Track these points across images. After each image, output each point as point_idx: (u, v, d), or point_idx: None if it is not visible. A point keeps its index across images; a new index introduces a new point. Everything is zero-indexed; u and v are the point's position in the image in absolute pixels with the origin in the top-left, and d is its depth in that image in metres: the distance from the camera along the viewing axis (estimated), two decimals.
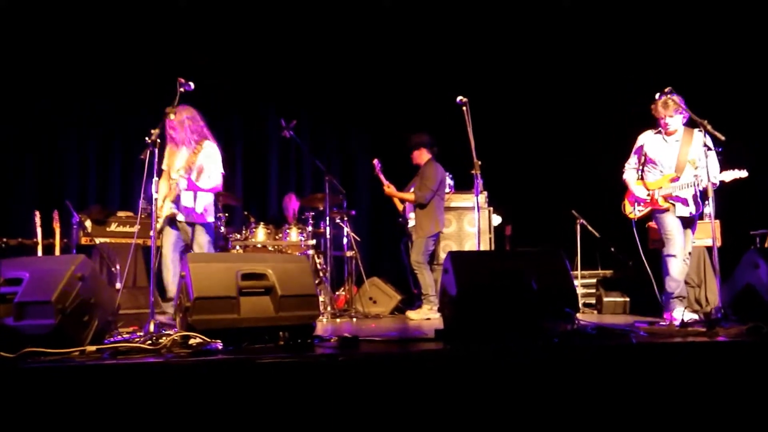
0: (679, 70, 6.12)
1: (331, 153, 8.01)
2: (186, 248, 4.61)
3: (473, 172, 4.55)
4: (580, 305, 5.49)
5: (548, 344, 2.89)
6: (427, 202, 5.85)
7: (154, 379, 2.48)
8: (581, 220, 6.34)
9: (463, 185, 6.47)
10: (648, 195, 4.64)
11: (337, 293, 6.58)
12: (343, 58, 7.59)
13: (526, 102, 7.54)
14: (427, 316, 5.61)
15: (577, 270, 6.24)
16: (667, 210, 4.54)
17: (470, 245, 6.28)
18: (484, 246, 6.15)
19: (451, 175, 6.50)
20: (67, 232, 5.42)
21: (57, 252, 5.01)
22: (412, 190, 6.04)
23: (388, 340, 3.34)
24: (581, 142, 7.20)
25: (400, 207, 6.36)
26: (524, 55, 7.47)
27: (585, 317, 4.60)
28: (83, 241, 5.40)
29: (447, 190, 6.41)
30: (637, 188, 4.72)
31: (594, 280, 6.26)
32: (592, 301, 6.08)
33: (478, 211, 4.72)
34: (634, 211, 4.75)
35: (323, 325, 5.02)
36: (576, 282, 5.66)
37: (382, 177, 6.27)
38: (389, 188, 6.21)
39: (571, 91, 7.39)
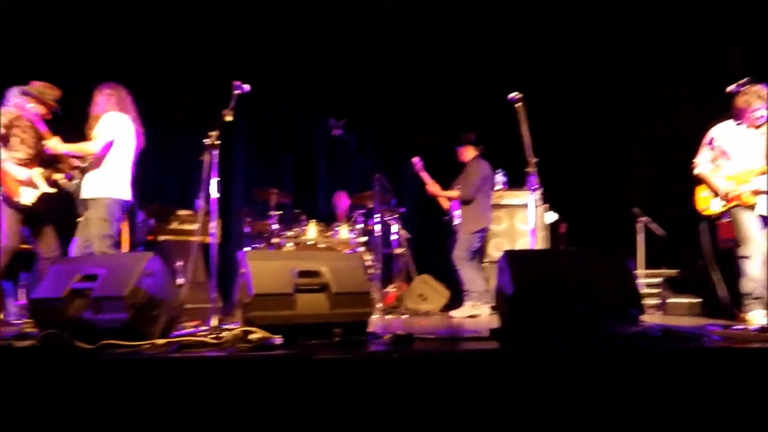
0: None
1: (379, 150, 8.09)
2: None
3: (528, 169, 4.54)
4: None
5: (611, 347, 2.87)
6: (471, 198, 5.86)
7: (218, 372, 2.61)
8: (643, 218, 6.20)
9: (515, 182, 6.45)
10: (732, 190, 4.39)
11: (386, 290, 6.67)
12: (393, 55, 7.63)
13: (582, 95, 7.44)
14: (469, 314, 5.62)
15: (639, 270, 6.08)
16: (751, 207, 4.31)
17: (522, 243, 6.26)
18: (539, 244, 6.13)
19: (503, 172, 6.49)
20: (132, 230, 5.66)
21: (126, 249, 5.25)
22: (457, 188, 6.06)
23: (442, 338, 3.39)
24: (640, 137, 7.06)
25: (446, 205, 6.36)
26: (582, 47, 7.36)
27: (649, 319, 4.43)
28: (148, 238, 5.63)
29: (498, 187, 6.41)
30: (720, 182, 4.47)
31: (657, 280, 6.06)
32: (656, 302, 5.90)
33: (534, 208, 4.70)
34: (710, 207, 4.55)
35: (373, 321, 5.10)
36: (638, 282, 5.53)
37: (424, 175, 6.26)
38: (433, 187, 6.22)
39: (632, 84, 7.23)
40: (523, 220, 6.35)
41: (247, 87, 4.16)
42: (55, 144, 4.26)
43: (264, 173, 7.99)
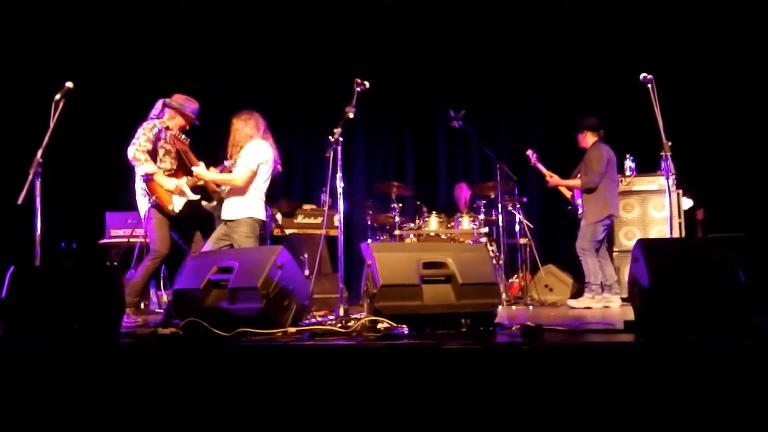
0: None
1: (500, 139, 7.93)
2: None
3: (662, 153, 4.26)
4: None
5: (760, 344, 2.62)
6: (594, 186, 5.58)
7: (349, 359, 2.65)
8: None
9: (646, 167, 6.08)
10: None
11: (510, 280, 6.54)
12: (512, 43, 7.45)
13: (718, 73, 6.88)
14: (587, 305, 5.41)
15: None
16: None
17: (656, 231, 5.90)
18: (675, 232, 5.75)
19: (632, 157, 6.14)
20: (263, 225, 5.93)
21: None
22: (579, 176, 5.80)
23: (573, 330, 3.25)
24: None
25: (568, 194, 6.12)
26: (716, 26, 6.81)
27: None
28: (275, 232, 5.89)
29: (628, 173, 6.08)
30: None
31: None
32: None
33: (670, 194, 4.40)
34: None
35: (499, 312, 5.02)
36: None
37: (540, 167, 6.07)
38: (552, 178, 5.99)
39: None
40: (656, 206, 5.98)
41: (367, 84, 4.20)
42: (201, 171, 4.54)
43: (385, 167, 8.09)
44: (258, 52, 7.40)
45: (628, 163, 6.14)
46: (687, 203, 6.15)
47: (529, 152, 6.15)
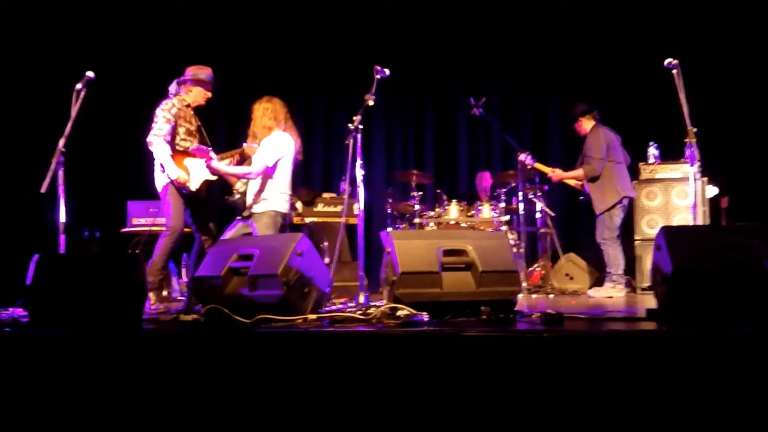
0: None
1: (522, 127, 7.85)
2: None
3: (687, 140, 4.19)
4: None
5: None
6: (598, 174, 5.47)
7: (369, 346, 2.65)
8: None
9: (670, 154, 5.99)
10: None
11: (531, 269, 6.50)
12: (533, 29, 7.37)
13: (743, 58, 6.74)
14: (608, 294, 5.34)
15: None
16: None
17: (679, 219, 5.81)
18: (699, 220, 5.66)
19: (656, 144, 6.05)
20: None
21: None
22: (581, 166, 5.68)
23: (594, 318, 3.23)
24: None
25: (576, 184, 5.96)
26: (742, 9, 6.66)
27: None
28: (295, 220, 5.90)
29: (651, 160, 5.99)
30: None
31: None
32: None
33: (695, 182, 4.33)
34: None
35: (519, 300, 4.99)
36: None
37: (539, 166, 5.95)
38: (554, 172, 5.88)
39: None
40: (679, 194, 5.88)
41: (387, 71, 4.17)
42: (216, 165, 4.57)
43: (404, 155, 8.07)
44: (277, 38, 7.40)
45: (652, 151, 6.04)
46: (712, 191, 6.04)
47: (522, 156, 5.94)
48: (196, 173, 4.59)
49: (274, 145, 4.55)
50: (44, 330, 2.95)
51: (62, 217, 4.02)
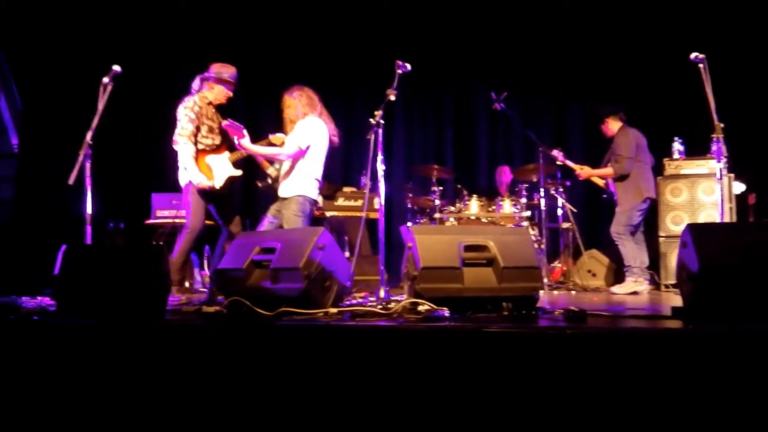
0: None
1: (543, 122, 7.80)
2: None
3: (714, 135, 4.13)
4: None
5: None
6: (627, 173, 5.50)
7: (390, 341, 2.66)
8: None
9: (695, 150, 5.90)
10: None
11: (552, 265, 6.46)
12: (555, 23, 7.29)
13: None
14: (632, 290, 5.33)
15: None
16: None
17: (705, 216, 5.73)
18: (726, 217, 5.58)
19: (681, 140, 5.97)
20: None
21: None
22: (609, 164, 5.68)
23: (618, 315, 3.20)
24: None
25: (601, 183, 6.01)
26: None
27: None
28: (316, 214, 5.91)
29: (676, 156, 5.91)
30: None
31: None
32: None
33: (721, 178, 4.27)
34: None
35: (540, 296, 4.97)
36: None
37: (569, 163, 6.00)
38: (582, 170, 5.90)
39: None
40: (705, 191, 5.79)
41: (408, 66, 4.16)
42: (246, 143, 4.57)
43: (425, 149, 8.05)
44: (299, 33, 7.41)
45: (677, 146, 5.97)
46: (739, 187, 5.95)
47: (555, 152, 6.06)
48: (220, 170, 4.63)
49: (309, 128, 4.57)
50: (71, 319, 3.00)
51: (89, 209, 4.08)
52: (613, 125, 5.72)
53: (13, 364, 2.84)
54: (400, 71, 4.15)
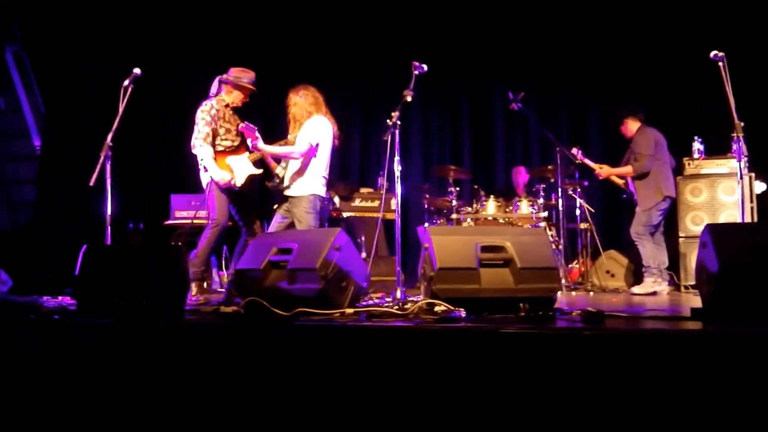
0: None
1: (560, 122, 7.73)
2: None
3: (734, 134, 4.08)
4: None
5: None
6: (647, 171, 5.47)
7: (405, 341, 2.66)
8: None
9: (715, 149, 5.83)
10: None
11: (570, 266, 6.42)
12: (571, 21, 7.23)
13: None
14: (651, 290, 5.30)
15: None
16: None
17: (726, 216, 5.65)
18: (747, 217, 5.51)
19: (700, 139, 5.91)
20: None
21: None
22: (628, 163, 5.65)
23: (636, 317, 3.17)
24: None
25: (621, 182, 5.98)
26: None
27: None
28: (333, 214, 5.95)
29: (696, 155, 5.85)
30: None
31: None
32: None
33: (742, 177, 4.22)
34: None
35: (558, 297, 4.94)
36: None
37: (588, 162, 5.98)
38: (602, 169, 5.89)
39: None
40: (725, 190, 5.72)
41: (425, 67, 4.16)
42: (261, 145, 4.62)
43: (441, 150, 8.03)
44: (316, 34, 7.42)
45: (697, 145, 5.90)
46: (760, 187, 5.87)
47: (574, 150, 6.07)
48: (240, 170, 4.68)
49: (315, 126, 4.60)
50: (90, 318, 3.04)
51: (109, 210, 4.13)
52: (632, 125, 5.70)
53: (34, 362, 2.89)
54: (416, 72, 4.15)
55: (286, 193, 4.67)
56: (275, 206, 4.84)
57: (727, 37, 5.45)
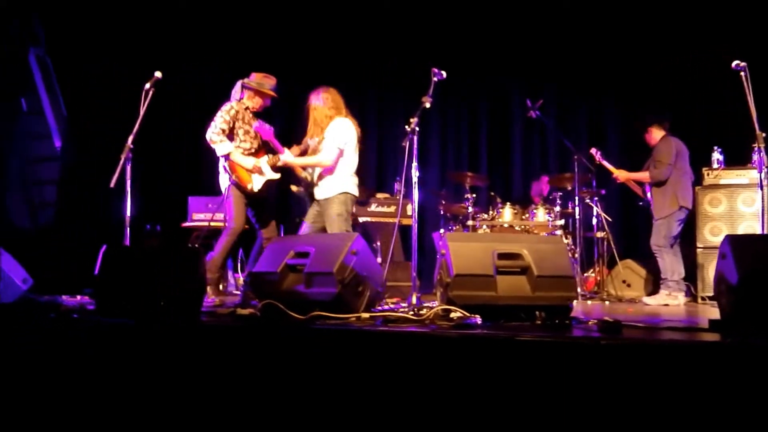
0: None
1: (579, 130, 7.70)
2: None
3: (755, 145, 4.05)
4: None
5: None
6: (665, 179, 5.44)
7: (422, 347, 2.66)
8: None
9: (736, 159, 5.78)
10: None
11: (586, 275, 6.38)
12: (591, 30, 7.21)
13: None
14: (664, 302, 5.27)
15: None
16: None
17: (745, 227, 5.60)
18: (767, 228, 5.45)
19: (720, 149, 5.86)
20: None
21: None
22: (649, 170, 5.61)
23: (654, 327, 3.14)
24: None
25: (638, 189, 5.94)
26: None
27: None
28: None
29: (716, 165, 5.80)
30: None
31: None
32: None
33: (763, 188, 4.18)
34: None
35: (574, 306, 4.91)
36: None
37: (606, 164, 5.97)
38: (619, 173, 5.85)
39: None
40: (745, 201, 5.66)
41: (444, 74, 4.17)
42: (288, 158, 4.63)
43: (458, 156, 8.03)
44: (336, 39, 7.46)
45: (716, 156, 5.85)
46: None
47: (593, 150, 6.06)
48: (258, 174, 4.70)
49: (341, 130, 4.58)
50: (109, 318, 3.08)
51: (128, 211, 4.18)
52: (656, 133, 5.66)
53: (52, 360, 2.92)
54: (435, 78, 4.16)
55: (317, 196, 4.65)
56: (297, 219, 4.80)
57: (750, 46, 5.41)
